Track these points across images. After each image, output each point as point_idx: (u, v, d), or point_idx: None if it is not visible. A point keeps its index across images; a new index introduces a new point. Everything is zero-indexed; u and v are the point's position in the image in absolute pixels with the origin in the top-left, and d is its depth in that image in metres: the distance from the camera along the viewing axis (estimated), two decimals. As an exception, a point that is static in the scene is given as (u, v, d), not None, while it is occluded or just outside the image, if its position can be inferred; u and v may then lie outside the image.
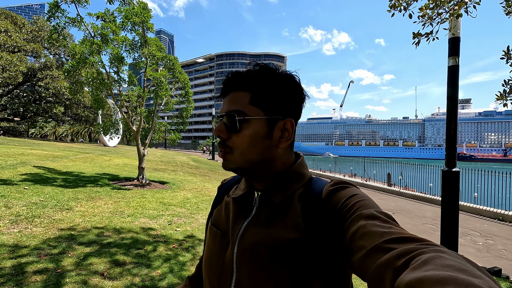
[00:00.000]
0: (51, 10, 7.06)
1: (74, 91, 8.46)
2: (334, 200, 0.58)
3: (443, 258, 0.33)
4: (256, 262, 0.58)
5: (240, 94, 0.65)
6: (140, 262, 3.17)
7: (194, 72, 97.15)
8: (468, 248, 5.94)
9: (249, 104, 0.63)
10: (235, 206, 0.70)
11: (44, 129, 44.88)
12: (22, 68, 22.18)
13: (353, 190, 0.59)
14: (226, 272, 0.62)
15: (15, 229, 3.72)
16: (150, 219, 4.89)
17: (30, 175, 7.47)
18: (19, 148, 13.47)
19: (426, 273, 0.31)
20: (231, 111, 0.63)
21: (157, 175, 11.06)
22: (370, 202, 0.54)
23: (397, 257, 0.38)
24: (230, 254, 0.63)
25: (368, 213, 0.50)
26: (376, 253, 0.42)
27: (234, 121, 0.63)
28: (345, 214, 0.54)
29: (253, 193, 0.69)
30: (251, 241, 0.61)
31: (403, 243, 0.41)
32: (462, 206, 9.06)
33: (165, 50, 9.09)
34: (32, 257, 2.98)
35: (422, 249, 0.37)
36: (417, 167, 13.28)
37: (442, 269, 0.31)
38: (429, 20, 4.14)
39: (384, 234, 0.44)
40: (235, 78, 0.66)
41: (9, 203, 4.73)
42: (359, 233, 0.47)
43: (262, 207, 0.66)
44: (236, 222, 0.66)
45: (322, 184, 0.65)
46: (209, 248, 0.70)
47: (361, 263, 0.44)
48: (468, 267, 0.32)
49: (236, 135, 0.63)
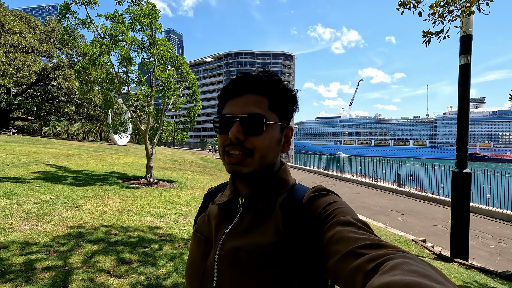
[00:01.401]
0: (62, 12, 7.20)
1: (84, 91, 8.63)
2: (314, 206, 0.60)
3: (409, 264, 0.36)
4: (237, 267, 0.59)
5: (257, 97, 0.65)
6: (146, 260, 3.21)
7: (203, 71, 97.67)
8: (480, 251, 5.80)
9: (268, 109, 0.65)
10: (220, 212, 0.70)
11: (56, 128, 45.92)
12: (35, 68, 22.72)
13: (333, 197, 0.61)
14: (207, 277, 0.63)
15: (26, 226, 3.81)
16: (156, 218, 4.94)
17: (42, 173, 7.65)
18: (32, 147, 13.82)
19: (393, 278, 0.33)
20: (256, 113, 0.63)
21: (165, 174, 11.17)
22: (347, 209, 0.56)
23: (368, 261, 0.40)
24: (212, 260, 0.64)
25: (344, 220, 0.52)
26: (350, 257, 0.44)
27: (261, 124, 0.62)
28: (323, 220, 0.56)
29: (237, 199, 0.69)
30: (232, 247, 0.62)
31: (375, 249, 0.43)
32: (473, 208, 8.85)
33: (173, 50, 9.17)
34: (42, 254, 3.05)
35: (391, 255, 0.40)
36: (428, 168, 13.03)
37: (408, 274, 0.33)
38: (440, 18, 4.03)
39: (358, 240, 0.46)
40: (252, 81, 0.65)
41: (21, 201, 4.86)
42: (335, 238, 0.49)
43: (246, 213, 0.66)
44: (220, 227, 0.67)
45: (304, 191, 0.66)
46: (192, 254, 0.70)
47: (336, 267, 0.46)
48: (432, 273, 0.34)
49: (257, 138, 0.62)
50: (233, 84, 0.67)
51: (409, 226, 7.45)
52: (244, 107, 0.64)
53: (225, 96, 0.69)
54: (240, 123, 0.62)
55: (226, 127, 0.64)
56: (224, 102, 0.69)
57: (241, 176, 0.65)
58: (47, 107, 27.93)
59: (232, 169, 0.64)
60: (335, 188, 13.97)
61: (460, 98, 5.09)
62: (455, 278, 3.82)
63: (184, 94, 10.44)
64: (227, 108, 0.67)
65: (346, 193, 12.56)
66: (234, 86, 0.66)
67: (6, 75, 20.54)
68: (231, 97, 0.67)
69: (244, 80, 0.66)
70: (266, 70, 0.68)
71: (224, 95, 0.69)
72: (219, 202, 0.72)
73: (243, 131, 0.62)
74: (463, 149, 5.11)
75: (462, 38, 4.97)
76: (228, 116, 0.64)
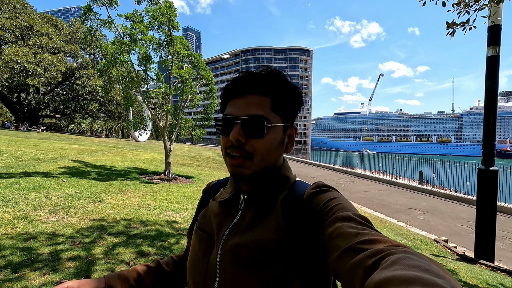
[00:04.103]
0: (85, 14, 7.48)
1: (106, 89, 8.95)
2: (315, 203, 0.59)
3: (410, 259, 0.35)
4: (239, 264, 0.60)
5: (259, 98, 0.63)
6: (164, 254, 3.31)
7: (220, 68, 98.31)
8: (507, 252, 5.52)
9: (270, 111, 0.63)
10: (221, 209, 0.70)
11: (81, 125, 48.09)
12: (61, 68, 23.83)
13: (333, 193, 0.60)
14: (210, 274, 0.63)
15: (53, 218, 4.04)
16: (174, 213, 5.07)
17: (68, 168, 8.05)
18: (59, 143, 14.55)
19: (394, 273, 0.33)
20: (257, 115, 0.61)
21: (183, 169, 11.42)
22: (348, 205, 0.56)
23: (368, 257, 0.40)
24: (215, 257, 0.64)
25: (345, 215, 0.51)
26: (350, 253, 0.43)
27: (262, 127, 0.61)
28: (324, 216, 0.55)
29: (239, 196, 0.69)
30: (234, 244, 0.62)
31: (375, 243, 0.43)
32: (501, 207, 8.41)
33: (190, 48, 9.29)
34: (67, 245, 3.22)
35: (392, 250, 0.39)
36: (452, 165, 12.49)
37: (409, 269, 0.33)
38: (466, 7, 3.82)
39: (358, 235, 0.45)
40: (253, 80, 0.64)
41: (49, 194, 5.14)
42: (335, 234, 0.49)
43: (247, 210, 0.66)
44: (222, 225, 0.67)
45: (304, 187, 0.66)
46: (194, 251, 0.70)
47: (336, 263, 0.45)
48: (433, 268, 0.33)
49: (257, 141, 0.61)
50: (235, 83, 0.65)
51: (430, 226, 7.20)
52: (245, 109, 0.62)
53: (227, 95, 0.67)
54: (241, 125, 0.61)
55: (227, 128, 0.63)
56: (226, 102, 0.68)
57: (243, 178, 0.65)
58: (73, 105, 29.27)
59: (234, 171, 0.64)
60: (353, 185, 13.71)
61: (487, 92, 4.82)
62: (479, 280, 3.65)
63: (201, 91, 10.58)
64: (229, 109, 0.65)
65: (365, 190, 12.30)
66: (236, 85, 0.65)
67: (35, 75, 21.70)
68: (233, 97, 0.66)
69: (246, 79, 0.64)
70: (269, 68, 0.66)
71: (226, 95, 0.67)
72: (220, 199, 0.72)
73: (244, 134, 0.61)
74: (490, 146, 4.86)
75: (490, 28, 4.70)
76: (229, 118, 0.63)
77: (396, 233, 5.81)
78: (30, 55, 21.54)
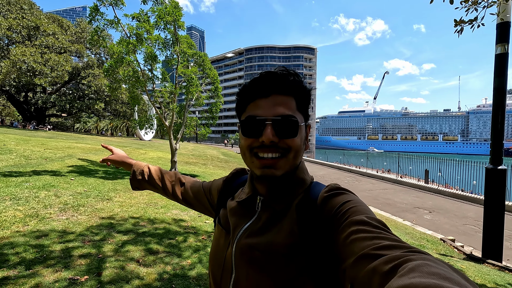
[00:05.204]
0: (92, 14, 7.55)
1: (113, 89, 9.04)
2: (328, 207, 0.59)
3: (429, 266, 0.34)
4: (252, 264, 0.61)
5: (285, 98, 0.64)
6: (172, 251, 3.35)
7: (224, 67, 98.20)
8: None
9: (297, 110, 0.65)
10: (239, 208, 0.72)
11: (87, 124, 48.57)
12: (68, 67, 24.07)
13: (348, 196, 0.59)
14: (227, 270, 0.66)
15: (63, 216, 4.11)
16: (181, 211, 5.12)
17: (76, 167, 8.15)
18: (66, 142, 14.72)
19: (412, 280, 0.32)
20: (289, 115, 0.62)
21: (188, 168, 11.49)
22: (363, 207, 0.55)
23: (385, 263, 0.39)
24: (230, 253, 0.66)
25: (359, 219, 0.50)
26: (365, 259, 0.42)
27: (295, 126, 0.62)
28: (338, 220, 0.54)
29: (256, 197, 0.70)
30: (247, 244, 0.63)
31: (392, 249, 0.42)
32: (509, 207, 8.32)
33: (195, 47, 9.33)
34: (78, 243, 3.28)
35: (410, 256, 0.38)
36: (458, 164, 12.36)
37: (428, 276, 0.32)
38: (474, 5, 3.79)
39: (374, 240, 0.44)
40: (278, 81, 0.64)
41: (58, 193, 5.23)
42: (350, 239, 0.48)
43: (263, 212, 0.67)
44: (238, 224, 0.69)
45: (319, 190, 0.65)
46: (216, 243, 0.74)
47: (351, 269, 0.44)
48: (454, 276, 0.32)
49: (291, 140, 0.62)
50: (258, 84, 0.64)
51: (437, 225, 7.16)
52: (273, 109, 0.62)
53: (248, 96, 0.66)
54: (272, 126, 0.61)
55: (255, 129, 0.62)
56: (247, 102, 0.66)
57: (274, 180, 0.63)
58: (79, 104, 29.55)
59: (264, 173, 0.63)
60: (358, 184, 13.67)
61: (495, 90, 4.77)
62: (487, 280, 3.64)
63: (206, 90, 10.62)
64: (254, 110, 0.64)
65: (370, 189, 12.25)
66: (260, 86, 0.64)
67: (42, 74, 21.94)
68: (256, 97, 0.64)
69: (271, 80, 0.63)
70: (287, 69, 0.66)
71: (247, 95, 0.66)
72: (238, 199, 0.73)
73: (276, 134, 0.61)
74: (498, 144, 4.81)
75: (499, 25, 4.64)
76: (258, 119, 0.62)
77: (402, 232, 5.79)
78: (37, 55, 21.79)
